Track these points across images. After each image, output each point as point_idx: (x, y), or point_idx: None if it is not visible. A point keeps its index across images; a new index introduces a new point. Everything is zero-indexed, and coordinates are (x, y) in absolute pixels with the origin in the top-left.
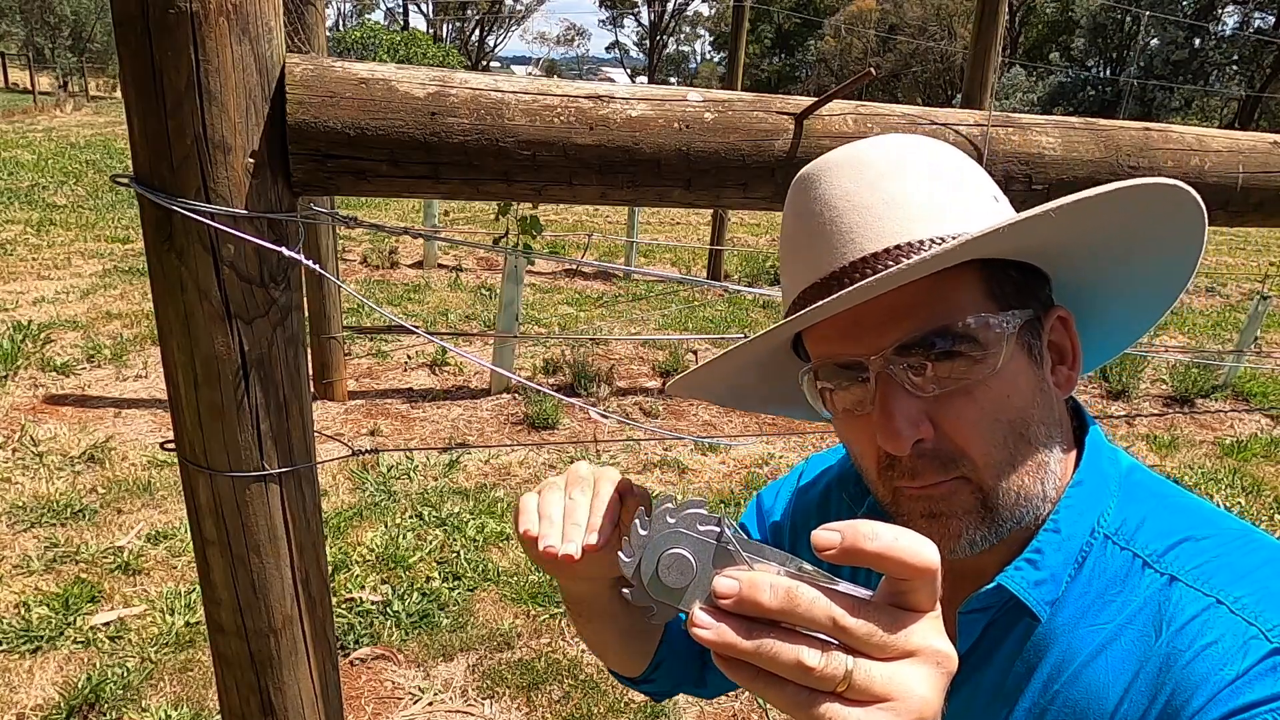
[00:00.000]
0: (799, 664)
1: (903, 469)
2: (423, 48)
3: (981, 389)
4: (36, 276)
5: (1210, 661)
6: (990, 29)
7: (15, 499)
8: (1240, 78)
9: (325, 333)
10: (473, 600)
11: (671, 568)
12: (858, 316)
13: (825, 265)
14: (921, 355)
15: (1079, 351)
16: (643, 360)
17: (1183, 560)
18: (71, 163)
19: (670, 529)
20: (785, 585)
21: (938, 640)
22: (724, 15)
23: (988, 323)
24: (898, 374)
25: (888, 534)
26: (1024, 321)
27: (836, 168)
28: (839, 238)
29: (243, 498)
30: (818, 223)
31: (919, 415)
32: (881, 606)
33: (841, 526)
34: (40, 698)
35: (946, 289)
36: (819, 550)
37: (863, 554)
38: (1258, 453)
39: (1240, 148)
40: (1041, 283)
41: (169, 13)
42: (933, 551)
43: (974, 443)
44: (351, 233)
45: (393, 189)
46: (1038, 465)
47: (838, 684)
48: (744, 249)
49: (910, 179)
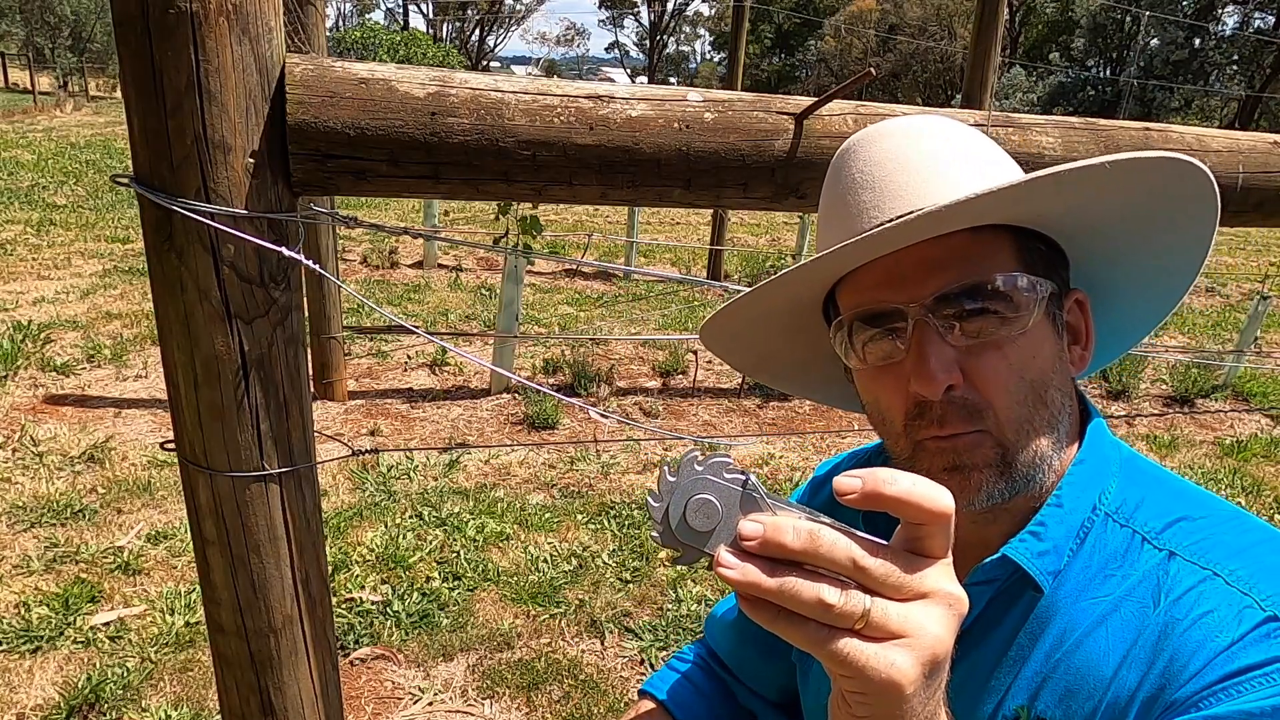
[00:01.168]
0: (819, 601)
1: (931, 417)
2: (423, 48)
3: (1010, 345)
4: (36, 276)
5: (1207, 629)
6: (990, 29)
7: (15, 499)
8: (1240, 78)
9: (325, 333)
10: (473, 600)
11: (699, 512)
12: (898, 266)
13: (870, 219)
14: (958, 307)
15: (1093, 334)
16: (643, 360)
17: (1180, 537)
18: (71, 163)
19: (698, 475)
20: (808, 528)
21: (950, 583)
22: (724, 15)
23: (1020, 283)
24: (934, 323)
25: (905, 480)
26: (1051, 291)
27: (888, 133)
28: (886, 195)
29: (243, 498)
30: (865, 180)
31: (952, 362)
32: (898, 551)
33: (861, 473)
34: (40, 698)
35: (983, 248)
36: (840, 494)
37: (881, 498)
38: (1258, 453)
39: (1240, 148)
40: (1063, 263)
41: (169, 13)
42: (948, 497)
43: (999, 395)
44: (351, 233)
45: (393, 189)
46: (1052, 429)
47: (856, 621)
48: (744, 249)
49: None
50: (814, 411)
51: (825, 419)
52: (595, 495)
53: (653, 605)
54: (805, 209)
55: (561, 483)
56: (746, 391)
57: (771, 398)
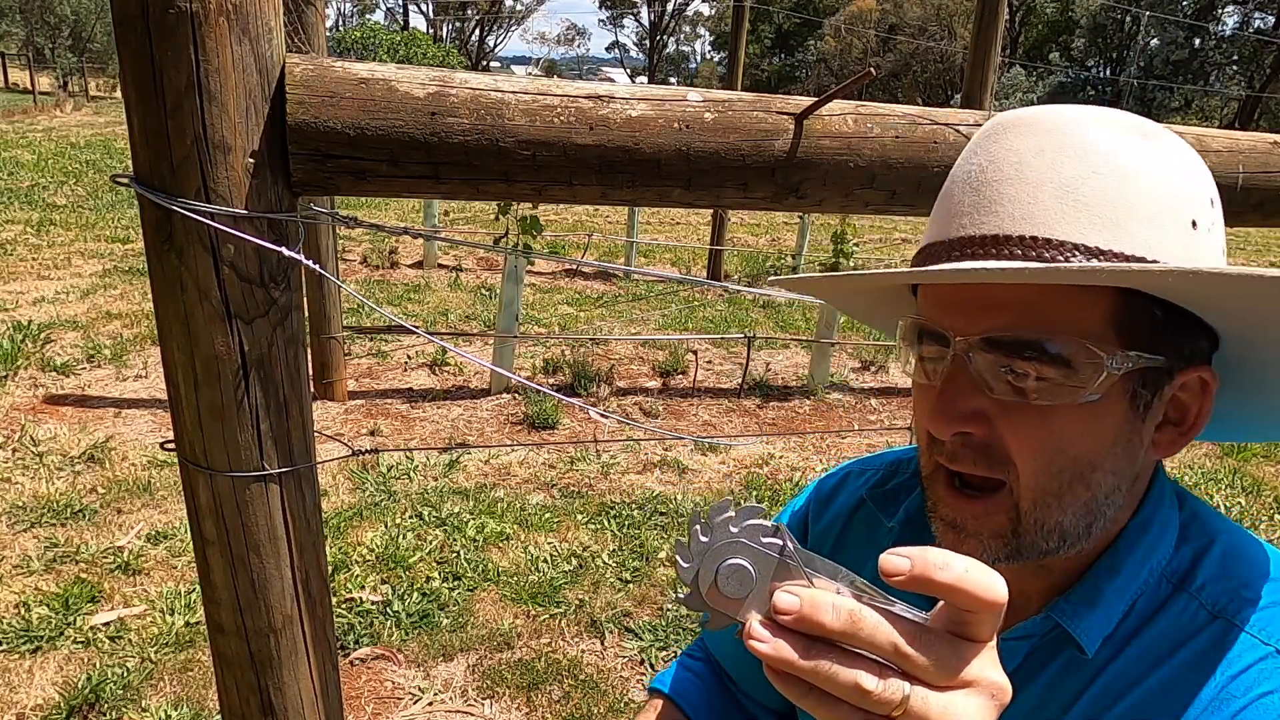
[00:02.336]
0: (857, 687)
1: (943, 448)
2: (423, 48)
3: (1056, 414)
4: (36, 276)
5: (1264, 712)
6: (990, 29)
7: (15, 499)
8: (1240, 78)
9: (325, 333)
10: (473, 600)
11: (731, 577)
12: (961, 291)
13: (961, 227)
14: (1006, 356)
15: (1203, 421)
16: (643, 360)
17: (1239, 606)
18: (71, 163)
19: (732, 538)
20: (848, 608)
21: (994, 672)
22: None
23: (1088, 351)
24: (975, 364)
25: (958, 565)
26: (1141, 367)
27: (1032, 127)
28: (988, 204)
29: (243, 498)
30: (979, 180)
31: (975, 411)
32: (941, 635)
33: (912, 554)
34: (40, 698)
35: (1065, 300)
36: (886, 576)
37: (932, 584)
38: (1258, 453)
39: (1240, 148)
40: (1195, 335)
41: (169, 13)
42: (1002, 586)
43: (1028, 462)
44: (351, 233)
45: (393, 189)
46: (1086, 508)
47: (894, 709)
48: (744, 249)
49: (1104, 171)
50: (814, 412)
51: (825, 419)
52: (595, 495)
53: (653, 605)
54: (805, 209)
55: (561, 483)
56: (746, 391)
57: (771, 398)
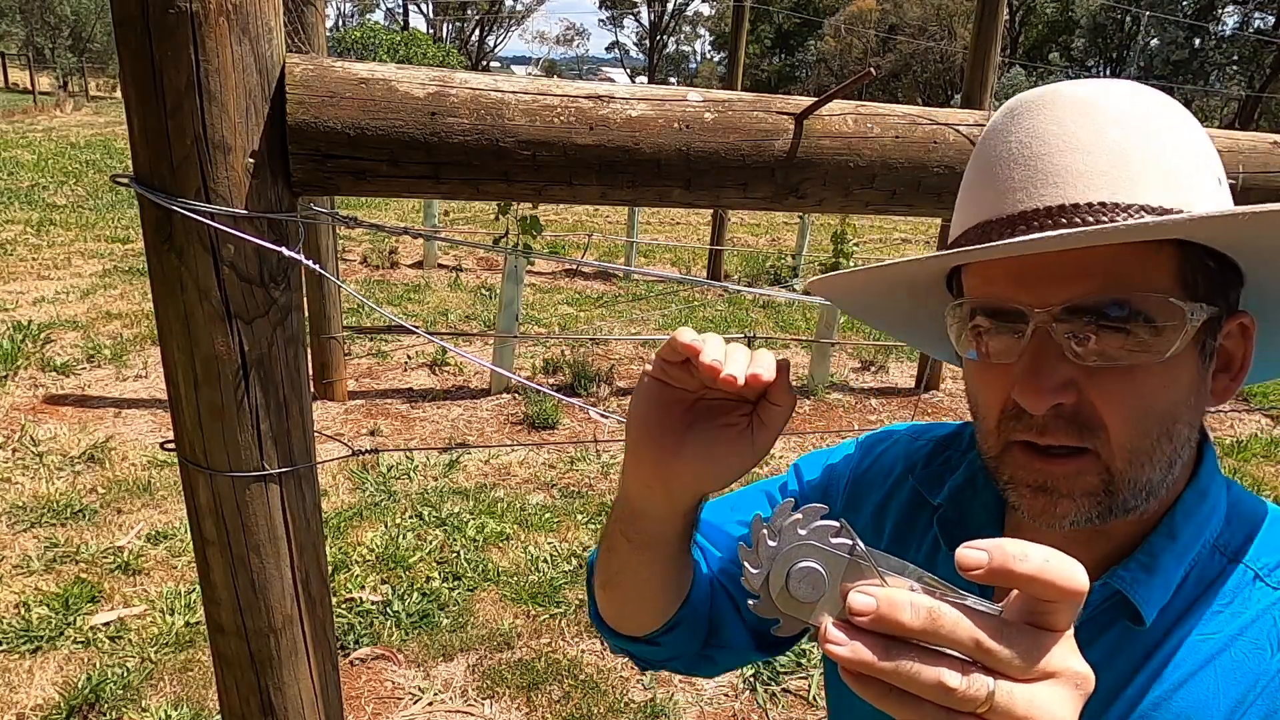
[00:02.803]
0: (940, 685)
1: (1031, 423)
2: (423, 48)
3: (1143, 373)
4: (36, 276)
5: None
6: (990, 29)
7: (15, 499)
8: (1240, 78)
9: (325, 333)
10: (473, 600)
11: (803, 580)
12: (1033, 263)
13: (1018, 202)
14: (1092, 322)
15: (1249, 364)
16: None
17: None
18: (71, 163)
19: (801, 540)
20: (927, 605)
21: (1076, 661)
22: (724, 15)
23: (1172, 307)
24: (1058, 334)
25: (1038, 555)
26: (1208, 318)
27: (1060, 102)
28: (1043, 175)
29: (243, 498)
30: (1024, 154)
31: (1066, 381)
32: (1021, 627)
33: (989, 546)
34: (40, 698)
35: (1138, 260)
36: (964, 570)
37: (1012, 575)
38: (1258, 453)
39: (1240, 148)
40: (1235, 282)
41: (169, 13)
42: (1083, 575)
43: (1118, 422)
44: (351, 233)
45: (393, 189)
46: (1170, 464)
47: (980, 705)
48: (744, 249)
49: (1142, 133)
50: (814, 412)
51: (825, 419)
52: (595, 495)
53: None
54: (805, 209)
55: (561, 483)
56: None
57: None
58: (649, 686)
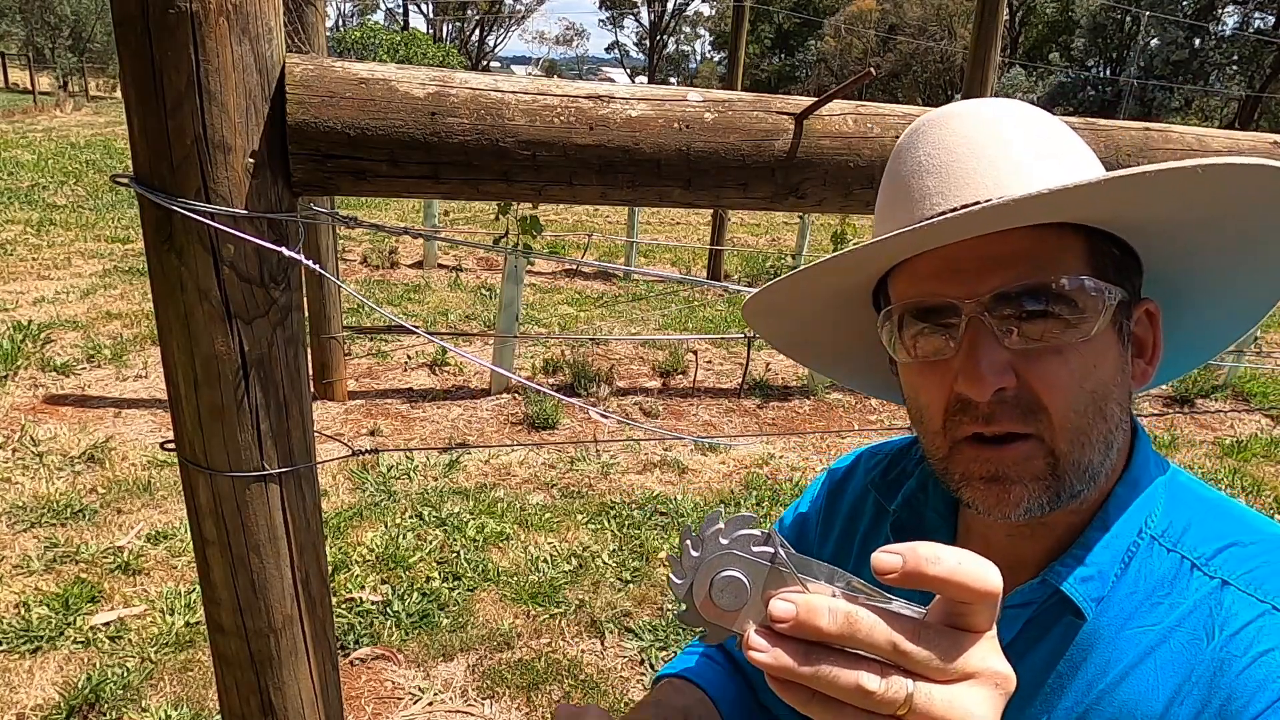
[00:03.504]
0: (859, 688)
1: (977, 413)
2: (423, 48)
3: (1072, 352)
4: (36, 276)
5: (1269, 668)
6: (990, 29)
7: (15, 499)
8: (1240, 78)
9: (325, 333)
10: (473, 600)
11: (725, 590)
12: (958, 259)
13: (934, 205)
14: (1019, 307)
15: (1160, 348)
16: (643, 360)
17: (1233, 565)
18: (71, 163)
19: (723, 550)
20: (844, 610)
21: (996, 661)
22: (724, 15)
23: (1088, 287)
24: (990, 322)
25: (950, 558)
26: (1120, 300)
27: (962, 115)
28: (955, 180)
29: (243, 498)
30: (933, 164)
31: (1005, 365)
32: (940, 629)
33: (903, 549)
34: (40, 698)
35: (1051, 246)
36: (879, 574)
37: (925, 578)
38: (1258, 453)
39: (1240, 148)
40: (1137, 270)
41: (169, 13)
42: (996, 575)
43: (1056, 400)
44: (351, 233)
45: (393, 189)
46: (1106, 444)
47: (899, 708)
48: (744, 249)
49: (1036, 132)
50: (814, 412)
51: (825, 419)
52: (595, 495)
53: (653, 605)
54: (805, 209)
55: (561, 483)
56: (746, 391)
57: (771, 398)
58: (649, 686)
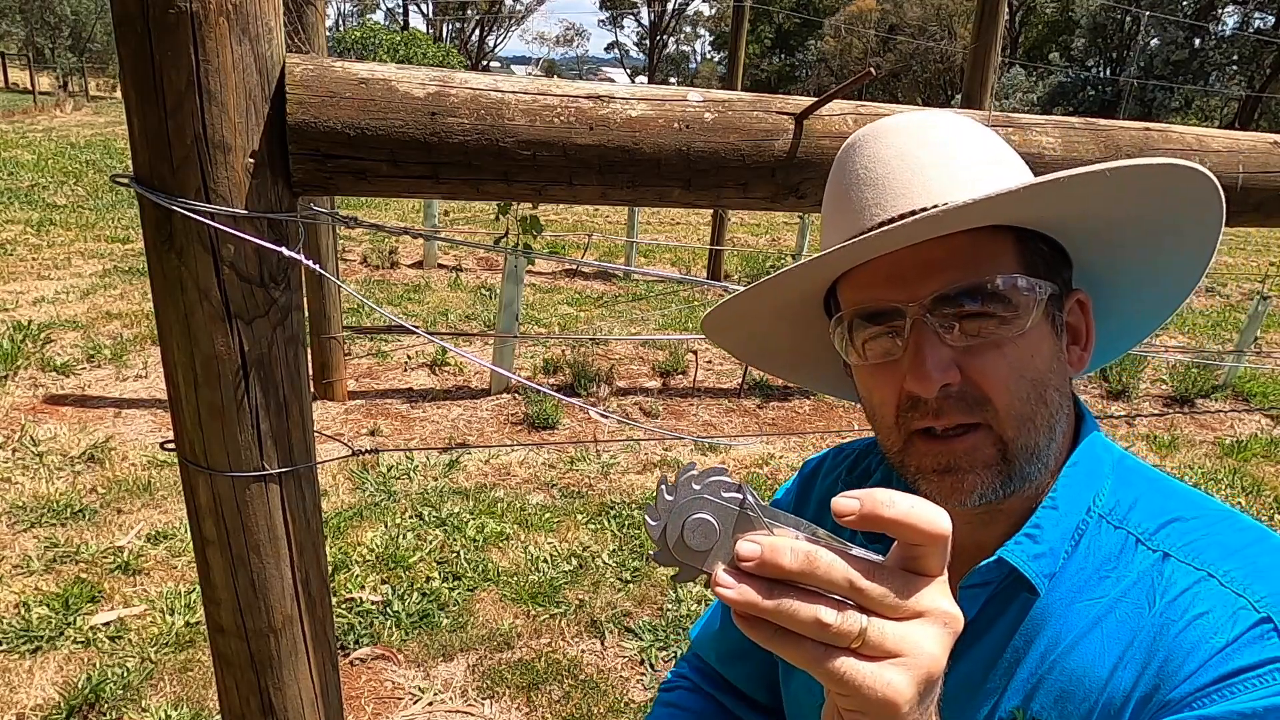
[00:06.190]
0: (817, 621)
1: (927, 409)
2: (423, 48)
3: (1010, 345)
4: (36, 276)
5: (1201, 630)
6: (990, 29)
7: (15, 499)
8: (1240, 78)
9: (325, 333)
10: (473, 600)
11: (696, 531)
12: (899, 265)
13: (872, 216)
14: (957, 307)
15: (1093, 335)
16: (643, 360)
17: (1174, 538)
18: (71, 163)
19: (695, 495)
20: (805, 549)
21: (945, 602)
22: (724, 15)
23: (1020, 285)
24: (932, 323)
25: (904, 502)
26: (1051, 293)
27: (892, 129)
28: (889, 192)
29: (243, 498)
30: (870, 177)
31: (949, 362)
32: (894, 570)
33: (860, 494)
34: (40, 698)
35: (984, 249)
36: (838, 516)
37: (879, 520)
38: (1258, 453)
39: (1240, 148)
40: (1066, 264)
41: (169, 13)
42: (945, 519)
43: (999, 391)
44: (351, 233)
45: (393, 189)
46: (1050, 428)
47: (853, 640)
48: (744, 249)
49: (964, 143)
50: (814, 411)
51: (825, 419)
52: (595, 495)
53: (653, 605)
54: (805, 209)
55: (561, 483)
56: (746, 391)
57: (771, 398)
58: (649, 686)
